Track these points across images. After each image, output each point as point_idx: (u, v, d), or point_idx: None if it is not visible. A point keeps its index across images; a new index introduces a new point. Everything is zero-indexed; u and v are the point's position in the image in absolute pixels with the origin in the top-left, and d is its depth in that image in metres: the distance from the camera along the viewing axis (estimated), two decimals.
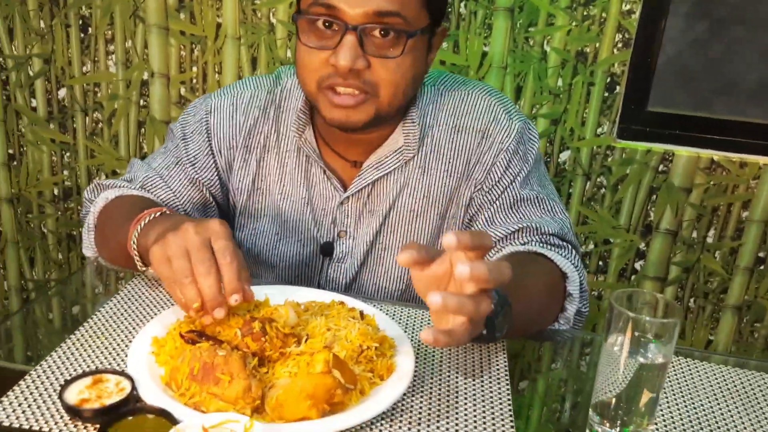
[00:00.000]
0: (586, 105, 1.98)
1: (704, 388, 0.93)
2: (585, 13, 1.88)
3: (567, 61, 1.94)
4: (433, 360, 0.94)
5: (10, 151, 2.30)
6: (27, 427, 0.76)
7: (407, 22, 1.00)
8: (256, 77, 1.23)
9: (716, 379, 0.96)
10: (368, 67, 1.01)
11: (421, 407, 0.85)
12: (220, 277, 0.86)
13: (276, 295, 0.99)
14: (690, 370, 0.97)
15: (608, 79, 1.94)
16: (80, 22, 2.11)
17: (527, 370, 1.03)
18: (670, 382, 0.94)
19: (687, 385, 0.94)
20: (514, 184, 1.15)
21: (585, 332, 1.12)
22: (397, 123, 1.14)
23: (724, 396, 0.92)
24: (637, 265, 2.13)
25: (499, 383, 0.91)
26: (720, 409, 0.89)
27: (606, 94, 1.96)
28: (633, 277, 2.15)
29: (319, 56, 1.02)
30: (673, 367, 0.97)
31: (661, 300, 0.77)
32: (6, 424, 0.76)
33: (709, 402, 0.91)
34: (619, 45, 1.90)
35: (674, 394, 0.91)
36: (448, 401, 0.86)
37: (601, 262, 2.14)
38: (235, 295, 0.86)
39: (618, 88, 1.95)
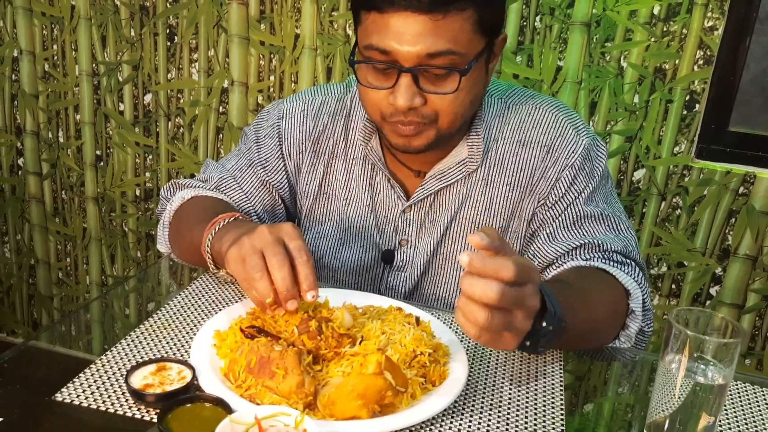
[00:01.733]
0: (663, 123, 1.93)
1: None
2: (665, 28, 1.84)
3: (644, 78, 1.90)
4: (487, 369, 0.94)
5: (98, 153, 2.42)
6: (94, 407, 0.80)
7: (461, 56, 1.00)
8: (327, 85, 1.27)
9: None
10: (425, 102, 1.02)
11: (471, 415, 0.85)
12: (293, 273, 0.89)
13: (337, 298, 1.01)
14: (758, 397, 0.94)
15: (687, 97, 1.89)
16: (167, 31, 2.21)
17: (585, 388, 1.01)
18: (734, 407, 0.90)
19: (753, 412, 0.90)
20: (578, 200, 1.14)
21: (646, 352, 1.09)
22: (462, 135, 1.15)
23: None
24: (713, 291, 2.05)
25: (553, 397, 0.90)
26: None
27: (684, 112, 1.91)
28: (708, 302, 2.07)
29: (378, 93, 1.05)
30: (738, 392, 0.94)
31: (723, 320, 0.75)
32: (75, 403, 0.81)
33: None
34: (700, 62, 1.85)
35: (737, 421, 0.88)
36: (499, 411, 0.86)
37: (674, 286, 2.08)
38: (312, 291, 0.89)
39: (697, 106, 1.89)
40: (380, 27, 0.99)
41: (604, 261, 1.09)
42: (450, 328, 1.01)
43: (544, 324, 0.84)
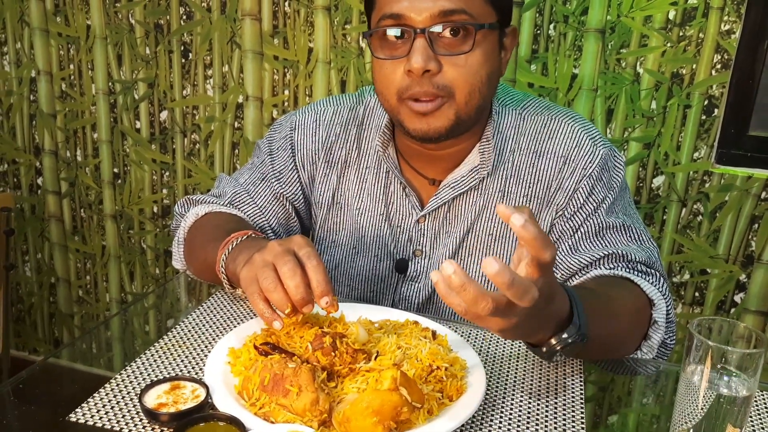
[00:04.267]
0: (681, 128, 1.90)
1: None
2: (681, 33, 1.82)
3: (661, 83, 1.87)
4: (505, 383, 0.93)
5: (116, 170, 2.44)
6: (109, 427, 0.80)
7: (473, 17, 1.01)
8: (339, 95, 1.27)
9: None
10: (441, 70, 1.02)
11: (490, 430, 0.83)
12: (306, 280, 0.88)
13: (353, 313, 1.00)
14: None
15: (706, 102, 1.86)
16: (182, 48, 2.22)
17: (609, 399, 0.99)
18: (761, 418, 0.88)
19: None
20: (598, 211, 1.12)
21: (670, 363, 1.07)
22: (475, 142, 1.14)
23: None
24: (737, 298, 2.02)
25: (573, 411, 0.88)
26: None
27: (703, 117, 1.88)
28: (732, 310, 2.03)
29: (394, 69, 1.04)
30: (766, 403, 0.91)
31: (746, 330, 0.73)
32: (90, 423, 0.80)
33: None
34: (718, 66, 1.82)
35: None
36: (518, 426, 0.84)
37: (697, 294, 2.04)
38: (326, 297, 0.88)
39: (716, 111, 1.86)
40: None
41: (628, 271, 1.07)
42: (467, 341, 0.99)
43: (565, 335, 0.83)
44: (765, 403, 0.91)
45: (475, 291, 0.69)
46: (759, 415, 0.89)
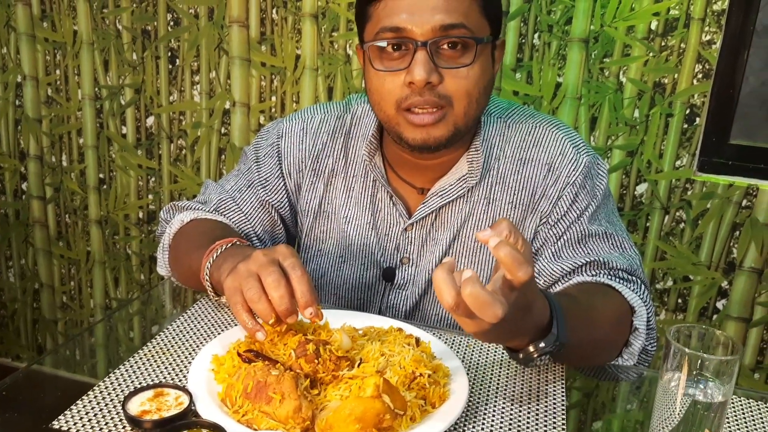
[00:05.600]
0: (664, 137, 1.93)
1: None
2: (663, 43, 1.84)
3: (644, 92, 1.90)
4: (488, 390, 0.94)
5: (101, 176, 2.43)
6: None
7: (471, 31, 1.02)
8: (326, 103, 1.27)
9: None
10: (441, 81, 1.03)
11: None
12: (290, 291, 0.88)
13: (337, 320, 1.00)
14: (762, 413, 0.92)
15: (687, 111, 1.89)
16: (169, 54, 2.22)
17: (593, 404, 1.01)
18: (737, 423, 0.89)
19: (758, 428, 0.89)
20: (581, 219, 1.13)
21: (654, 370, 1.08)
22: (463, 151, 1.15)
23: None
24: (719, 304, 2.04)
25: (554, 418, 0.89)
26: None
27: (685, 126, 1.90)
28: (715, 316, 2.06)
29: (393, 80, 1.04)
30: (742, 408, 0.93)
31: (721, 337, 0.74)
32: (73, 430, 0.80)
33: None
34: (699, 76, 1.85)
35: None
36: None
37: (680, 300, 2.06)
38: (310, 308, 0.88)
39: (698, 119, 1.89)
40: (393, 10, 1.02)
41: (609, 278, 1.08)
42: (451, 348, 1.00)
43: (542, 344, 0.84)
44: (742, 408, 0.93)
45: (440, 282, 0.71)
46: (736, 419, 0.90)
